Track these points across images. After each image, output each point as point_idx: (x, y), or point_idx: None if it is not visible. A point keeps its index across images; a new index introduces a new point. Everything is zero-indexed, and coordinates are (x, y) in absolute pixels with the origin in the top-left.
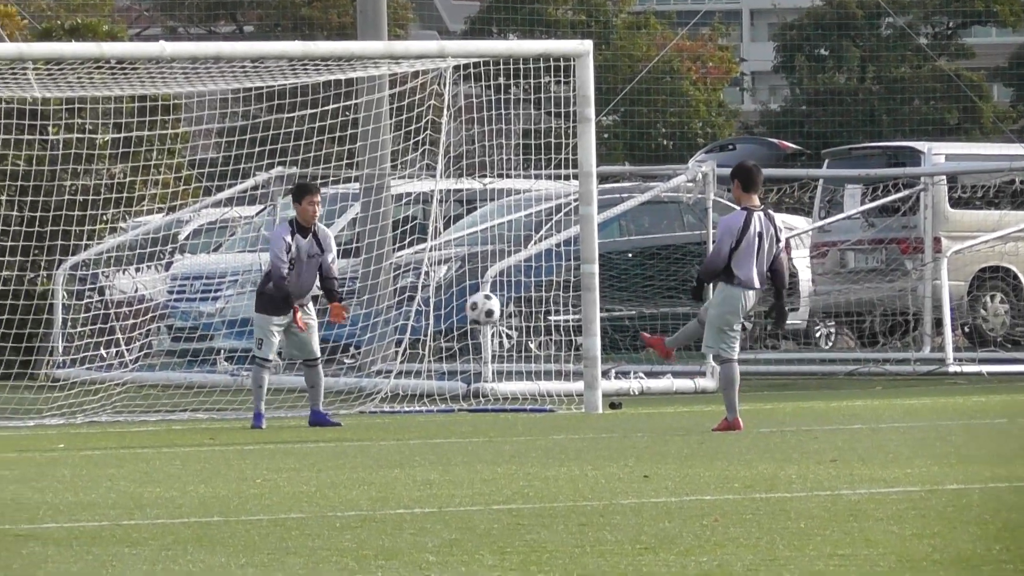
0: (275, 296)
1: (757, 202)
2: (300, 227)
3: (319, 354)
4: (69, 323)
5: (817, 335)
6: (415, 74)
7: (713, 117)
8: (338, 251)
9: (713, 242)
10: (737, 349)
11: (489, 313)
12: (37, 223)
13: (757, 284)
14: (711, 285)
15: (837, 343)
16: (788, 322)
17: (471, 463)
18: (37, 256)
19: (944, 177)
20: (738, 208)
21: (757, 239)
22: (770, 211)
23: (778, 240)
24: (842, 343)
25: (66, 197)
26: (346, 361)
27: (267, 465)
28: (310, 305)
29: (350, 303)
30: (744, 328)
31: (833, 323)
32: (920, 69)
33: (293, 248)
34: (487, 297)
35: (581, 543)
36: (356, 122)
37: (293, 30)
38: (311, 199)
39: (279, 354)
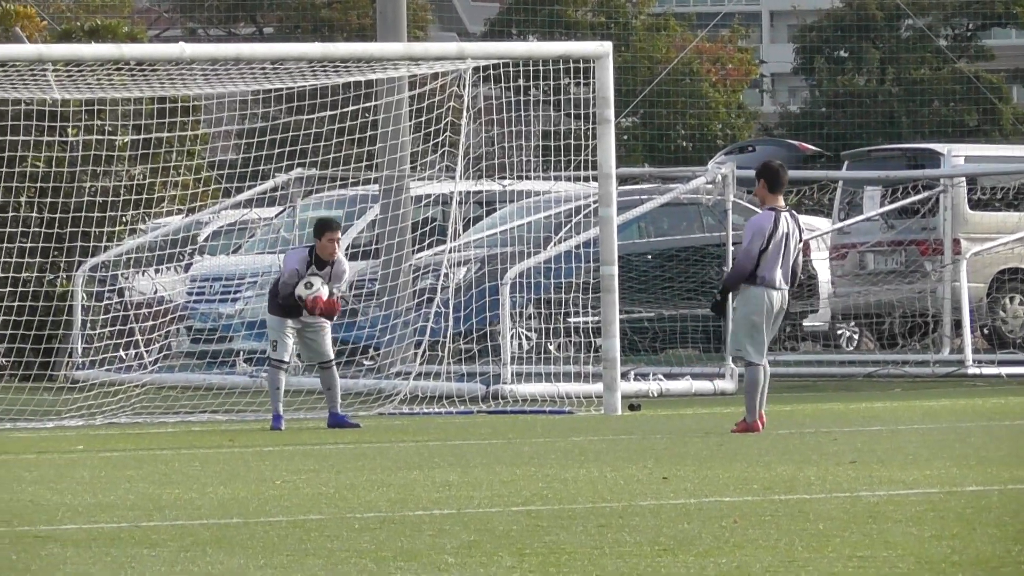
0: (286, 298)
1: (782, 202)
2: (318, 260)
3: (332, 356)
4: (89, 324)
5: (840, 337)
6: (434, 76)
7: (733, 119)
8: (358, 252)
9: (733, 244)
10: (763, 352)
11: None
12: (57, 224)
13: (782, 284)
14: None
15: (860, 345)
16: (810, 323)
17: (490, 465)
18: (57, 257)
19: (963, 179)
20: (762, 208)
21: (784, 240)
22: (793, 211)
23: (801, 241)
24: (864, 345)
25: (86, 198)
26: (366, 363)
27: (286, 467)
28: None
29: (369, 304)
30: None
31: (854, 325)
32: (940, 71)
33: (308, 276)
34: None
35: (600, 544)
36: (376, 123)
37: (313, 32)
38: (331, 236)
39: (298, 356)
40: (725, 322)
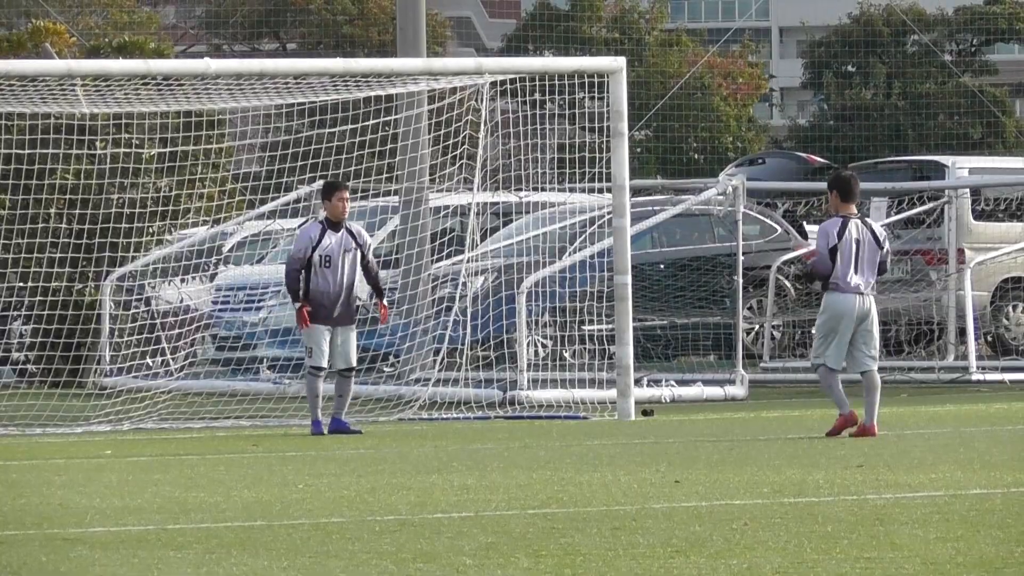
0: (319, 305)
1: (854, 211)
2: (331, 223)
3: (355, 364)
4: (116, 333)
5: None
6: (453, 90)
7: (743, 132)
8: (378, 262)
9: (744, 253)
10: (840, 357)
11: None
12: (85, 235)
13: (860, 288)
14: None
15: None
16: None
17: (507, 469)
18: (85, 267)
19: (968, 190)
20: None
21: (855, 245)
22: (868, 219)
23: (880, 246)
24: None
25: (113, 210)
26: (385, 370)
27: (308, 471)
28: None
29: (391, 312)
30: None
31: None
32: (944, 85)
33: (324, 243)
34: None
35: (614, 546)
36: (395, 137)
37: (335, 48)
38: (340, 195)
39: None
40: (736, 329)
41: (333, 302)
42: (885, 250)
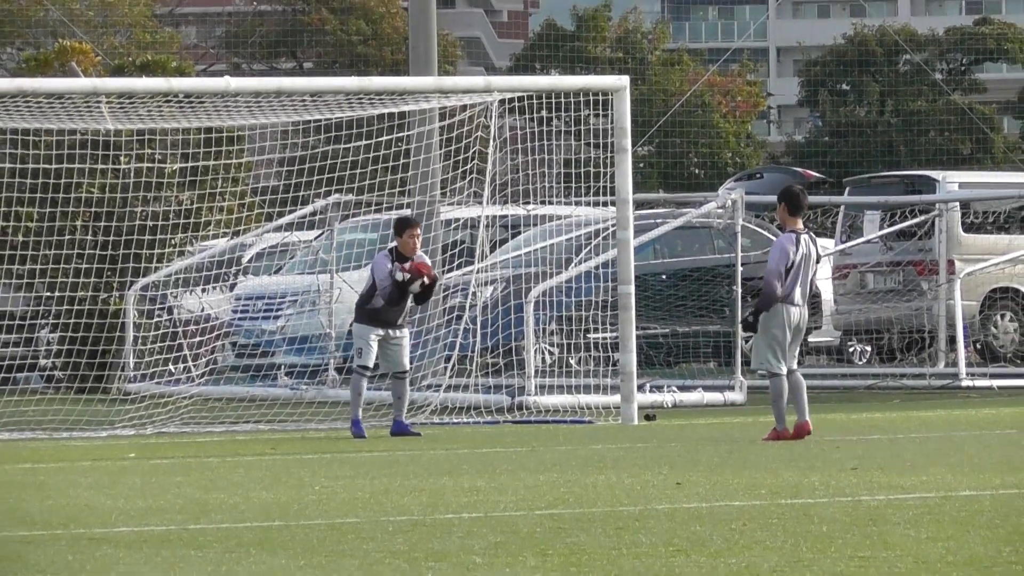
0: (375, 310)
1: (801, 225)
2: (400, 256)
3: (408, 367)
4: (140, 340)
5: (851, 351)
6: (463, 107)
7: (742, 148)
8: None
9: (743, 265)
10: (783, 362)
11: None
12: (110, 247)
13: (800, 301)
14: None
15: (871, 360)
16: (815, 339)
17: (515, 471)
18: (110, 278)
19: (958, 204)
20: (784, 231)
21: (804, 261)
22: (812, 234)
23: (817, 261)
24: (874, 360)
25: (137, 222)
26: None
27: (324, 473)
28: (404, 327)
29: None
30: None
31: (864, 340)
32: (935, 103)
33: (397, 274)
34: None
35: (618, 546)
36: (408, 152)
37: (349, 66)
38: (412, 232)
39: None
40: (735, 336)
41: (390, 313)
42: (817, 266)
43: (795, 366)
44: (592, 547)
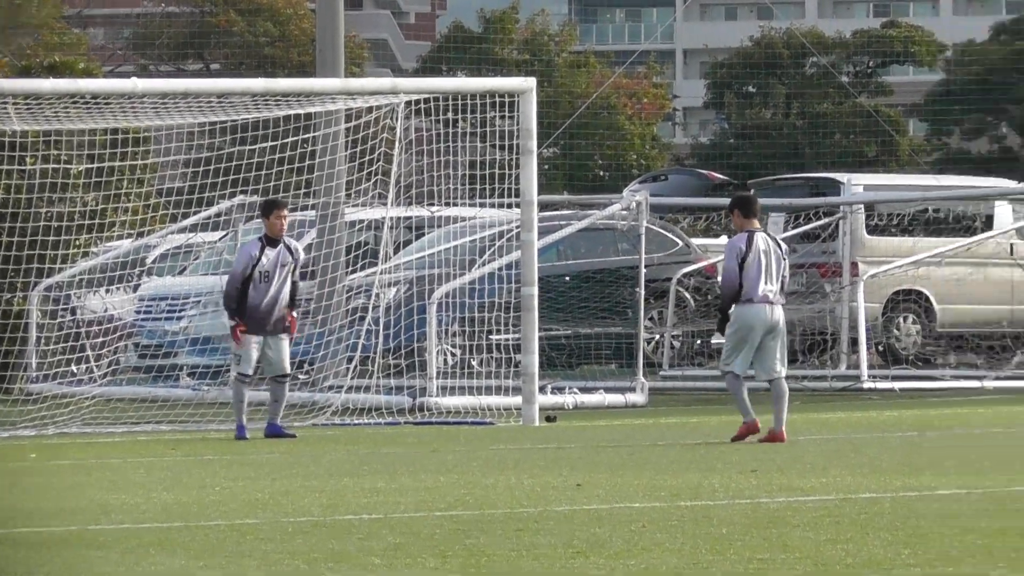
0: (256, 317)
1: (758, 225)
2: (270, 240)
3: (289, 371)
4: (43, 340)
5: None
6: (369, 109)
7: (647, 150)
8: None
9: (647, 267)
10: (746, 364)
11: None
12: (14, 247)
13: (769, 298)
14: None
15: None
16: (718, 341)
17: (416, 472)
18: (14, 278)
19: (862, 206)
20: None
21: (763, 256)
22: (771, 233)
23: (784, 258)
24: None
25: (42, 223)
26: (300, 376)
27: (225, 474)
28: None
29: (305, 323)
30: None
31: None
32: (842, 105)
33: (263, 260)
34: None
35: (517, 547)
36: (313, 153)
37: (256, 68)
38: (279, 213)
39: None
40: (638, 338)
41: (267, 313)
42: (786, 262)
43: (780, 369)
44: (492, 549)
